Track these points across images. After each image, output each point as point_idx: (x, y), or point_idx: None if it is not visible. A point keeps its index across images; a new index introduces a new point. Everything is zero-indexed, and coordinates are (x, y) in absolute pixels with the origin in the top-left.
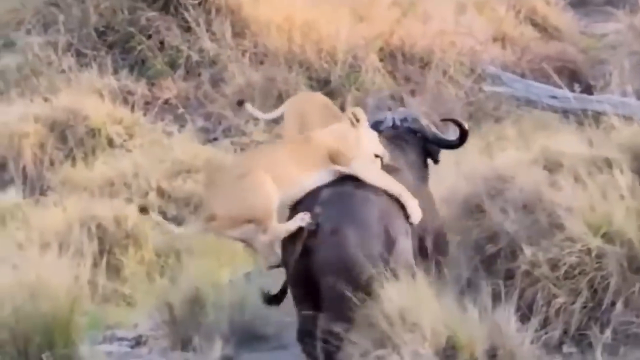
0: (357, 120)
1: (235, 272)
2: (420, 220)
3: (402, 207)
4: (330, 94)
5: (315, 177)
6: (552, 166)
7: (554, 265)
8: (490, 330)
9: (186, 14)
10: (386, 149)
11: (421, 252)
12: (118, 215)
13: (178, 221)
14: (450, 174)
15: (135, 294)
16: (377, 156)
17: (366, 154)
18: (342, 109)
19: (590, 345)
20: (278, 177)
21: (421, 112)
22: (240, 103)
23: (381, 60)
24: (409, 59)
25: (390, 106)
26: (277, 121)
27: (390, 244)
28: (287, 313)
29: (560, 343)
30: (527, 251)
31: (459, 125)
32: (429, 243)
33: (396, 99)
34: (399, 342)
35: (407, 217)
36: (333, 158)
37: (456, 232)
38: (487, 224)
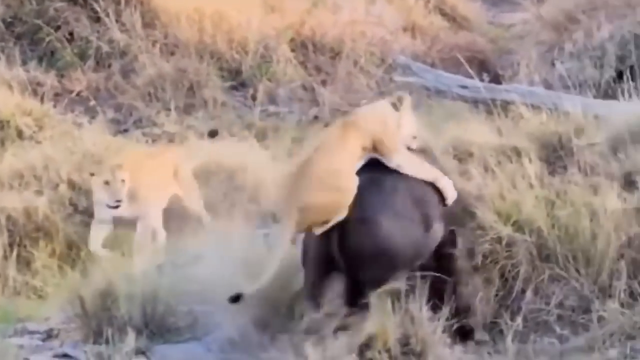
0: (401, 104)
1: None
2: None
3: (436, 190)
4: (242, 85)
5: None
6: (462, 155)
7: (468, 255)
8: (403, 319)
9: (95, 5)
10: None
11: None
12: (28, 208)
13: (89, 213)
14: None
15: (47, 286)
16: (414, 137)
17: (405, 138)
18: (254, 99)
19: (501, 332)
20: None
21: (333, 102)
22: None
23: (292, 50)
24: (320, 49)
25: (302, 97)
26: (188, 112)
27: (428, 228)
28: (199, 304)
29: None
30: None
31: None
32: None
33: (307, 89)
34: None
35: (441, 199)
36: (375, 146)
37: None
38: None
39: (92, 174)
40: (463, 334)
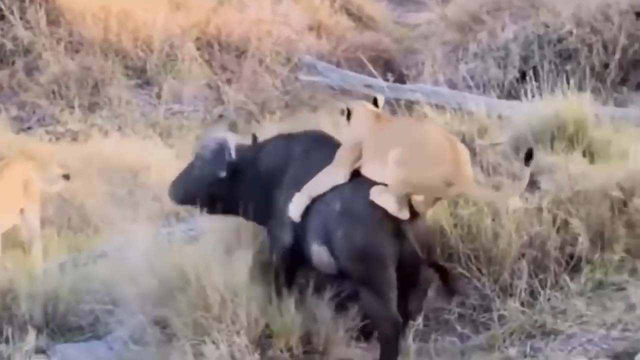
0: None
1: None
2: None
3: None
4: (146, 83)
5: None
6: None
7: None
8: (306, 318)
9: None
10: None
11: None
12: None
13: None
14: None
15: None
16: None
17: None
18: (158, 97)
19: (403, 331)
20: None
21: (238, 100)
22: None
23: (198, 49)
24: (226, 48)
25: (207, 95)
26: (93, 110)
27: None
28: (99, 302)
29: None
30: None
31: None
32: None
33: (212, 87)
34: (215, 331)
35: None
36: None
37: None
38: None
39: None
40: (366, 334)
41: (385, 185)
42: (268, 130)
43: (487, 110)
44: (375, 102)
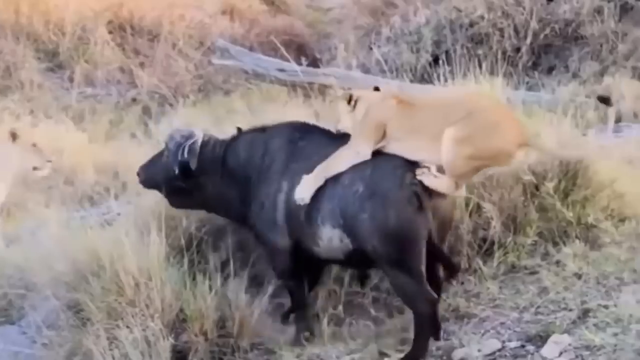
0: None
1: None
2: None
3: None
4: (59, 67)
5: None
6: None
7: None
8: (220, 302)
9: None
10: (208, 156)
11: None
12: None
13: None
14: None
15: None
16: None
17: None
18: (71, 81)
19: (317, 316)
20: None
21: (151, 84)
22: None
23: (110, 32)
24: (138, 32)
25: (120, 79)
26: (4, 94)
27: None
28: (13, 287)
29: (291, 312)
30: None
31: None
32: None
33: (125, 71)
34: (129, 315)
35: None
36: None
37: None
38: None
39: None
40: (283, 316)
41: (414, 162)
42: (182, 114)
43: None
44: (376, 89)
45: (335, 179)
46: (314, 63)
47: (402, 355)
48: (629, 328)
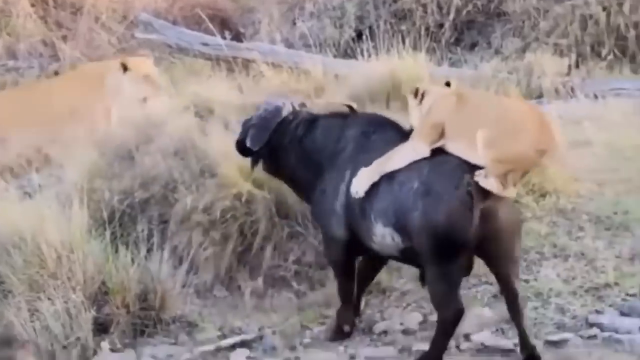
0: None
1: None
2: None
3: None
4: None
5: None
6: (203, 112)
7: (207, 211)
8: (142, 275)
9: None
10: (289, 134)
11: None
12: None
13: None
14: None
15: None
16: None
17: None
18: None
19: (239, 288)
20: None
21: (74, 57)
22: None
23: (32, 5)
24: (61, 5)
25: (42, 52)
26: None
27: None
28: None
29: (212, 286)
30: (181, 197)
31: (349, 107)
32: None
33: (48, 44)
34: (51, 288)
35: None
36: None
37: (108, 178)
38: (139, 170)
39: None
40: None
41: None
42: None
43: (324, 69)
44: (448, 84)
45: (391, 176)
46: (238, 37)
47: (323, 328)
48: (548, 302)
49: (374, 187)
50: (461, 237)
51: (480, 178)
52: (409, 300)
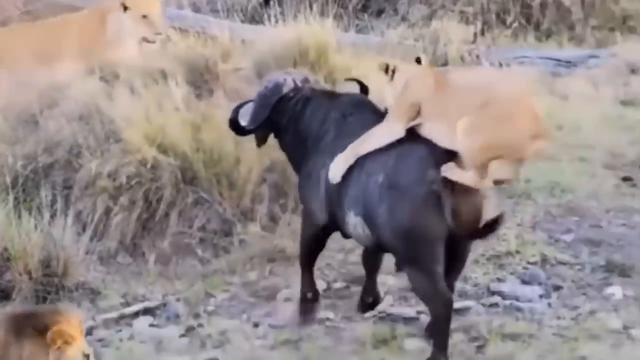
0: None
1: None
2: None
3: None
4: None
5: None
6: (108, 77)
7: (112, 176)
8: (45, 241)
9: None
10: (288, 112)
11: None
12: None
13: None
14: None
15: None
16: None
17: None
18: None
19: (143, 255)
20: None
21: None
22: None
23: None
24: None
25: None
26: None
27: None
28: None
29: (115, 253)
30: (85, 162)
31: (360, 83)
32: None
33: None
34: None
35: None
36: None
37: (11, 143)
38: (43, 135)
39: None
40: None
41: (447, 149)
42: None
43: (231, 34)
44: (418, 61)
45: (361, 164)
46: None
47: (228, 295)
48: None
49: (348, 174)
50: (426, 236)
51: (448, 171)
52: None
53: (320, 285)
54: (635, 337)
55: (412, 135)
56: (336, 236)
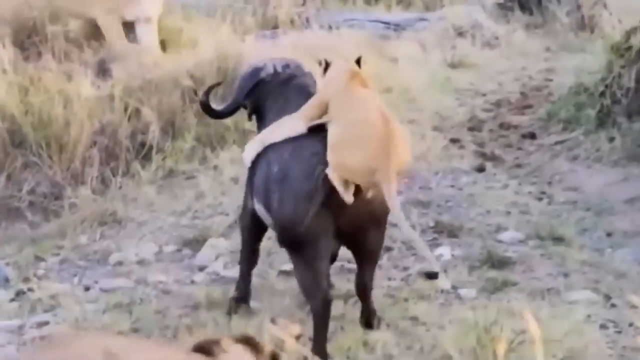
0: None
1: None
2: None
3: None
4: None
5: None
6: None
7: None
8: None
9: None
10: (268, 97)
11: None
12: None
13: None
14: None
15: None
16: None
17: None
18: None
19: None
20: None
21: None
22: None
23: None
24: None
25: None
26: None
27: None
28: None
29: None
30: None
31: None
32: None
33: None
34: None
35: None
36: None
37: None
38: None
39: None
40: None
41: None
42: None
43: None
44: (358, 62)
45: (265, 154)
46: None
47: (58, 259)
48: None
49: (256, 163)
50: (311, 230)
51: (330, 172)
52: (144, 231)
53: (152, 248)
54: (464, 296)
55: (319, 129)
56: (167, 200)
